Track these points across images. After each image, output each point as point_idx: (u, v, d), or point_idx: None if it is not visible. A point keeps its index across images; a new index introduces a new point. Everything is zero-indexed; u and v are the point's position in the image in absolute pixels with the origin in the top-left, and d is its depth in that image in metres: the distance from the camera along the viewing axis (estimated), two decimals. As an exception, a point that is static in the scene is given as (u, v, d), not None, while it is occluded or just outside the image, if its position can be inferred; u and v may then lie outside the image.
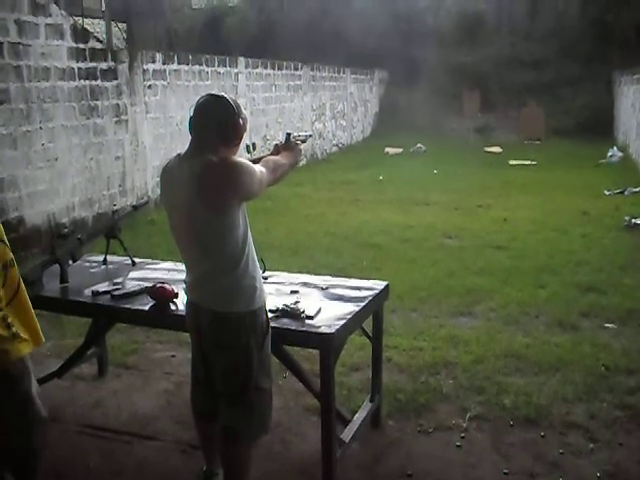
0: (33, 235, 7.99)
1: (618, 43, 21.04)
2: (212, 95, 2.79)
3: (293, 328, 3.09)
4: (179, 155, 2.80)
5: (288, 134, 3.20)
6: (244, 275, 2.75)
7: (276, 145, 3.21)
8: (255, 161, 2.94)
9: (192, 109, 2.75)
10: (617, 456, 3.55)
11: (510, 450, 3.63)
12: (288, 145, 3.18)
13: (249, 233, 2.80)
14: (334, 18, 23.70)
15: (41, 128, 8.15)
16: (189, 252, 2.85)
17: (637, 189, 11.77)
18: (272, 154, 3.15)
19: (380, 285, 3.69)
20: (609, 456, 3.55)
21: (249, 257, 2.77)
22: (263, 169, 2.83)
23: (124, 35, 25.24)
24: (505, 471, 3.43)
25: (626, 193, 11.63)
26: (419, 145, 19.05)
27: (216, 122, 2.70)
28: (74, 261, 3.81)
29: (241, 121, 2.75)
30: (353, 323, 3.28)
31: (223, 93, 2.82)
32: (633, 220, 8.83)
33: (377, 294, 3.58)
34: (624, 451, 3.59)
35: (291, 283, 3.70)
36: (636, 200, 10.82)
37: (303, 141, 3.30)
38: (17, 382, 2.71)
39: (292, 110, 16.53)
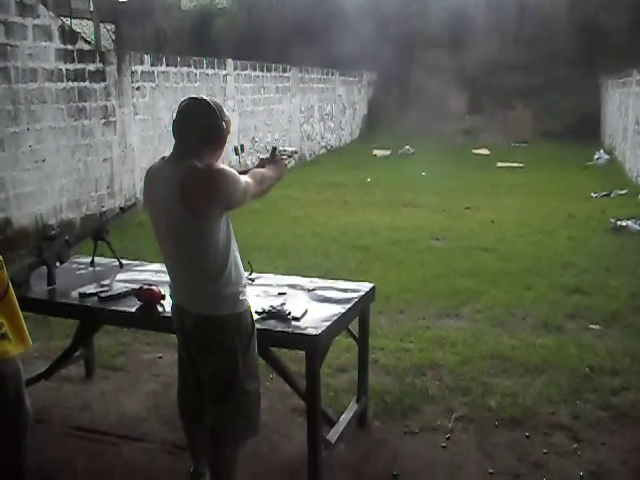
0: (20, 236, 7.96)
1: (605, 47, 21.17)
2: (194, 98, 2.74)
3: (279, 329, 3.10)
4: (163, 158, 2.79)
5: (274, 148, 3.19)
6: (228, 283, 2.75)
7: (262, 159, 3.19)
8: (242, 173, 2.95)
9: (174, 113, 2.73)
10: (600, 456, 3.59)
11: (495, 450, 3.66)
12: (274, 159, 3.16)
13: (233, 239, 2.78)
14: (323, 20, 23.73)
15: (29, 129, 8.13)
16: (171, 256, 2.84)
17: (623, 191, 11.89)
18: (257, 168, 3.13)
19: (366, 287, 3.71)
20: (593, 456, 3.58)
21: (232, 264, 2.76)
22: (249, 180, 2.81)
23: (112, 36, 25.19)
24: (490, 471, 3.46)
25: (612, 195, 11.74)
26: (407, 147, 19.13)
27: (198, 126, 2.68)
28: (61, 263, 3.82)
29: (224, 124, 2.72)
30: (339, 325, 3.30)
31: (204, 96, 2.78)
32: (619, 222, 8.89)
33: (363, 296, 3.60)
34: (607, 451, 3.63)
35: (278, 285, 3.71)
36: (622, 202, 10.92)
37: (289, 156, 3.28)
38: (8, 382, 2.72)
39: (280, 112, 16.55)
